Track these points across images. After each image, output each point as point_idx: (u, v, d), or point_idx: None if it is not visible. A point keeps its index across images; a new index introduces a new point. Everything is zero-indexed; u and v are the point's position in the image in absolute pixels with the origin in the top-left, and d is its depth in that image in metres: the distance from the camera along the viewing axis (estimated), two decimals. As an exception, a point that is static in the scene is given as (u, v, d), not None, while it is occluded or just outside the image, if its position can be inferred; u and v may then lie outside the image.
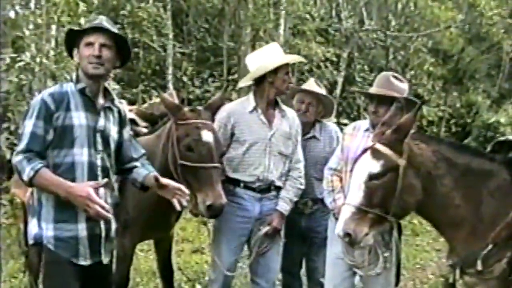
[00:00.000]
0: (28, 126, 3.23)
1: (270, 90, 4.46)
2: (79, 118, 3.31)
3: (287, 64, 4.48)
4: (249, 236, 4.51)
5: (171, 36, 12.83)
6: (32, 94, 9.62)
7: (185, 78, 12.83)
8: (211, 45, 14.23)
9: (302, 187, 4.62)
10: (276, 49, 4.62)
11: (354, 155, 3.80)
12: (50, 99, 3.27)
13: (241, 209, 4.44)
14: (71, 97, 3.33)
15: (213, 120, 4.21)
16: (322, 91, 4.98)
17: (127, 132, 3.64)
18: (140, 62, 12.81)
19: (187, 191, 3.49)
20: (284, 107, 4.63)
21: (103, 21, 3.41)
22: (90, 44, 3.33)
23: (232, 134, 4.43)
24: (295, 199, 4.60)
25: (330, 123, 5.14)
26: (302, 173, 4.62)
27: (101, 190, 3.31)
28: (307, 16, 14.40)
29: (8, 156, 8.80)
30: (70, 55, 3.49)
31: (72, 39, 3.43)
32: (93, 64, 3.32)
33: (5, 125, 9.22)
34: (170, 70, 12.64)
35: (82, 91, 3.36)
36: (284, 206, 4.51)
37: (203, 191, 3.81)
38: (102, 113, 3.43)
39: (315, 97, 4.90)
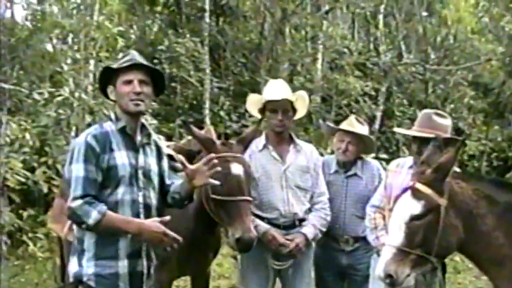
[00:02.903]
0: (79, 170, 3.26)
1: (269, 127, 4.61)
2: (121, 157, 3.36)
3: (277, 102, 4.49)
4: (276, 272, 4.52)
5: (208, 70, 12.94)
6: (70, 129, 9.78)
7: (222, 113, 12.87)
8: (248, 80, 14.28)
9: (328, 218, 4.64)
10: (274, 85, 4.66)
11: (397, 192, 3.77)
12: (94, 142, 3.31)
13: (268, 254, 4.50)
14: (112, 136, 3.37)
15: None
16: (364, 129, 4.94)
17: (165, 162, 3.67)
18: (177, 97, 12.89)
19: (215, 161, 3.45)
20: (299, 141, 4.73)
21: (136, 56, 3.45)
22: (129, 81, 3.36)
23: None
24: (322, 228, 4.61)
25: (372, 160, 5.12)
26: (326, 205, 4.66)
27: None
28: (345, 50, 14.42)
29: (45, 189, 8.92)
30: (104, 92, 3.52)
31: (107, 77, 3.46)
32: (134, 101, 3.34)
33: (43, 159, 9.35)
34: (207, 104, 12.71)
35: (122, 130, 3.38)
36: (308, 230, 4.52)
37: (233, 224, 3.82)
38: (141, 150, 3.46)
39: (355, 136, 4.87)
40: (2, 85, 9.86)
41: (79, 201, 3.21)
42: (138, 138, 3.47)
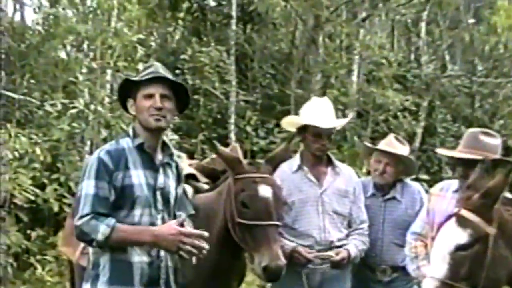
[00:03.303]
0: (89, 187, 3.29)
1: (306, 148, 4.61)
2: (138, 177, 3.37)
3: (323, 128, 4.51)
4: None
5: (234, 82, 13.02)
6: (84, 144, 9.88)
7: (248, 128, 12.89)
8: (277, 93, 14.32)
9: (366, 245, 4.63)
10: (319, 108, 4.65)
11: (441, 219, 3.74)
12: (107, 158, 3.33)
13: (301, 276, 4.46)
14: (129, 154, 3.40)
15: None
16: (404, 149, 4.91)
17: (180, 188, 3.68)
18: (200, 110, 12.94)
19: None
20: (338, 163, 4.72)
21: (159, 68, 3.48)
22: (149, 95, 3.39)
23: None
24: (361, 253, 4.60)
25: (413, 183, 5.08)
26: (367, 232, 4.66)
27: None
28: (383, 61, 14.42)
29: (55, 208, 9.00)
30: (124, 106, 3.56)
31: (127, 89, 3.50)
32: (154, 116, 3.37)
33: (54, 175, 9.44)
34: (232, 119, 12.77)
35: (140, 147, 3.41)
36: (352, 248, 4.52)
37: (260, 251, 3.79)
38: (161, 170, 3.48)
39: (395, 157, 4.85)
40: (11, 94, 10.01)
41: (85, 218, 3.24)
42: (159, 157, 3.49)
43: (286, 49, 14.94)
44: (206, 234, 3.31)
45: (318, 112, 4.60)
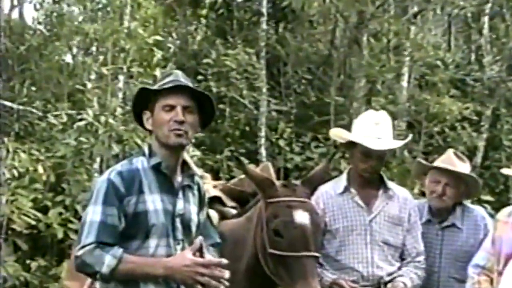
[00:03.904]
0: (95, 213, 3.27)
1: (353, 166, 4.62)
2: (154, 202, 3.35)
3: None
4: None
5: (265, 89, 13.02)
6: (93, 161, 9.94)
7: (281, 143, 12.84)
8: (315, 101, 14.27)
9: (420, 280, 4.58)
10: (375, 124, 4.60)
11: (509, 249, 3.70)
12: (118, 180, 3.32)
13: None
14: (144, 176, 3.38)
15: None
16: (465, 167, 4.86)
17: (203, 214, 3.67)
18: (226, 122, 12.94)
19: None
20: (391, 184, 4.69)
21: (179, 77, 3.47)
22: (170, 107, 3.38)
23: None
24: (417, 287, 4.55)
25: (476, 207, 5.04)
26: (423, 266, 4.61)
27: None
28: (438, 63, 14.30)
29: (60, 235, 9.05)
30: (139, 120, 3.55)
31: (143, 100, 3.49)
32: (174, 131, 3.35)
33: (58, 197, 9.50)
34: (263, 131, 12.76)
35: (156, 168, 3.41)
36: (407, 280, 4.47)
37: (295, 286, 3.73)
38: (180, 193, 3.46)
39: (455, 177, 4.79)
40: (8, 104, 10.11)
41: (89, 247, 3.22)
42: (178, 178, 3.48)
43: (324, 51, 14.91)
44: (225, 261, 3.30)
45: (371, 128, 4.56)
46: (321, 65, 14.75)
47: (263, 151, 12.56)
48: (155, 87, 3.49)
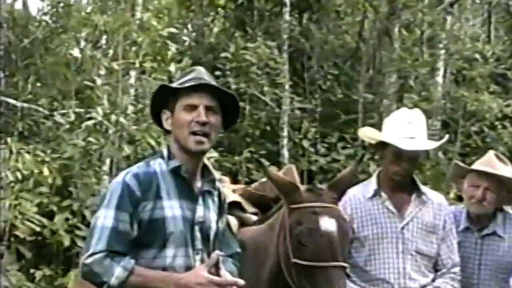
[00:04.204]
0: (107, 218, 3.27)
1: (384, 169, 4.60)
2: (172, 208, 3.35)
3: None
4: None
5: (287, 86, 13.01)
6: (103, 163, 9.97)
7: (305, 143, 12.84)
8: (341, 98, 14.24)
9: None
10: (407, 123, 4.58)
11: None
12: (134, 183, 3.31)
13: None
14: (161, 179, 3.38)
15: None
16: (506, 169, 4.83)
17: (222, 222, 3.67)
18: (246, 121, 12.89)
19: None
20: (425, 189, 4.65)
21: (203, 74, 3.48)
22: (191, 107, 3.38)
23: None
24: None
25: (517, 213, 5.00)
26: (459, 277, 4.57)
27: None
28: (477, 56, 14.23)
29: (66, 242, 9.08)
30: (157, 121, 3.56)
31: (162, 99, 3.50)
32: (196, 137, 3.35)
33: (65, 202, 9.54)
34: (285, 131, 12.75)
35: (175, 171, 3.42)
36: None
37: None
38: (200, 199, 3.47)
39: (496, 180, 4.76)
40: (12, 101, 10.17)
41: (98, 255, 3.22)
42: (198, 183, 3.48)
43: (352, 44, 14.90)
44: (241, 282, 3.28)
45: (404, 127, 4.54)
46: (349, 59, 14.75)
47: (285, 152, 12.56)
48: (176, 84, 3.49)
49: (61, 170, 9.65)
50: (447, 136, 4.79)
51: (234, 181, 6.62)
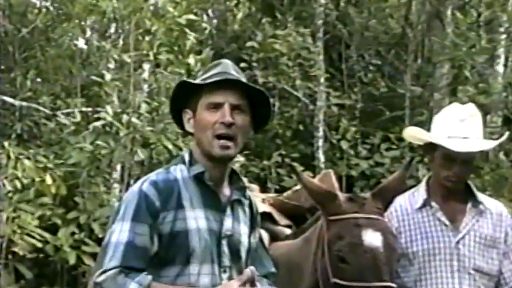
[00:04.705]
0: (123, 232, 3.29)
1: (434, 174, 4.57)
2: (196, 219, 3.36)
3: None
4: None
5: (322, 79, 13.02)
6: (113, 169, 10.02)
7: (344, 145, 12.82)
8: (385, 92, 14.20)
9: None
10: (459, 116, 4.56)
11: None
12: (153, 192, 3.33)
13: None
14: (183, 187, 3.40)
15: None
16: None
17: (255, 237, 3.69)
18: (276, 119, 12.93)
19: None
20: (482, 196, 4.59)
21: (229, 68, 3.50)
22: (216, 105, 3.40)
23: None
24: None
25: None
26: None
27: None
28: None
29: (72, 260, 9.13)
30: (178, 122, 3.58)
31: (184, 97, 3.52)
32: (221, 141, 3.37)
33: (70, 214, 9.58)
34: (320, 131, 12.75)
35: (199, 178, 3.43)
36: None
37: None
38: (228, 209, 3.48)
39: None
40: (9, 100, 10.24)
41: (111, 272, 3.23)
42: (225, 191, 3.50)
43: (397, 29, 14.85)
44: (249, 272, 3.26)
45: (456, 126, 4.53)
46: (393, 47, 14.69)
47: (321, 155, 12.57)
48: (199, 80, 3.51)
49: (66, 178, 9.68)
50: (506, 134, 4.74)
51: (263, 189, 6.65)
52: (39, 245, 8.99)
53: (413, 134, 4.71)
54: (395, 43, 14.68)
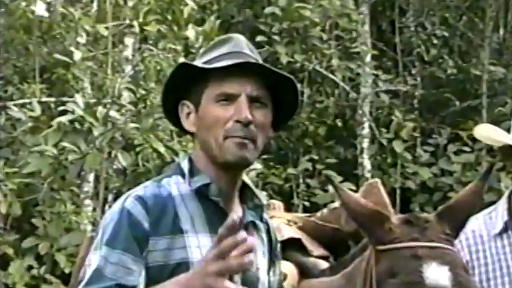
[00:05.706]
0: (94, 261, 3.23)
1: None
2: (200, 248, 3.31)
3: None
4: None
5: (368, 58, 13.09)
6: (84, 180, 10.04)
7: (397, 146, 12.79)
8: (454, 74, 14.23)
9: None
10: None
11: None
12: (139, 209, 3.26)
13: None
14: (181, 206, 3.35)
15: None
16: None
17: (275, 273, 3.68)
18: (304, 113, 12.92)
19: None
20: None
21: (243, 46, 3.47)
22: (228, 97, 3.34)
23: None
24: None
25: None
26: None
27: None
28: None
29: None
30: (172, 117, 3.55)
31: (183, 84, 3.47)
32: (236, 139, 3.34)
33: (26, 241, 9.63)
34: (366, 128, 12.80)
35: (202, 192, 3.39)
36: None
37: None
38: None
39: None
40: None
41: None
42: (237, 210, 3.45)
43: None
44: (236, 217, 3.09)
45: None
46: (466, 13, 14.70)
47: (366, 161, 12.58)
48: (202, 63, 3.45)
49: (20, 193, 9.71)
50: None
51: (288, 206, 6.63)
52: (-14, 282, 9.08)
53: (487, 134, 4.65)
54: (467, 7, 14.69)
